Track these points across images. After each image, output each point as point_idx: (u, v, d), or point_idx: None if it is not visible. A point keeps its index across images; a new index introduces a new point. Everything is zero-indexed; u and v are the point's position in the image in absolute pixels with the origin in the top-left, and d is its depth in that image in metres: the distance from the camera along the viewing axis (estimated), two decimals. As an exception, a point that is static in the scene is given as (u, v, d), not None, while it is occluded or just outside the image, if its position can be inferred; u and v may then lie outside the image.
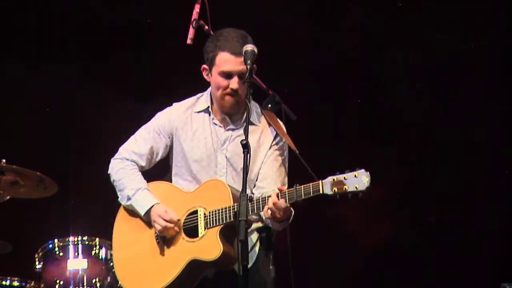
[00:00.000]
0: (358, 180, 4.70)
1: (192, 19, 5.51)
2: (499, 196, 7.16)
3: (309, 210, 5.37)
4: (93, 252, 6.18)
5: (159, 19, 7.35)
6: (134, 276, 5.08)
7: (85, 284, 6.08)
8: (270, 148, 5.14)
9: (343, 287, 7.53)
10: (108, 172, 5.25)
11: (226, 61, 4.98)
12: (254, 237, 5.07)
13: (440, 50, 7.21)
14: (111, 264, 6.14)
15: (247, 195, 4.33)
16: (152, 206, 5.03)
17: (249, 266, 4.68)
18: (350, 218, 5.51)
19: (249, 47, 4.72)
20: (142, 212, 5.05)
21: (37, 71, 7.42)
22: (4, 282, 6.17)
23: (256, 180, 5.11)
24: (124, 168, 5.17)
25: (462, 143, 7.21)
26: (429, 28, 7.21)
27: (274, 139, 5.15)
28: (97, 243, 6.20)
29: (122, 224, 5.19)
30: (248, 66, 4.67)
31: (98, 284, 6.10)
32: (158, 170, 5.28)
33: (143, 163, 5.19)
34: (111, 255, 6.16)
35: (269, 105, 5.26)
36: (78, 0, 7.38)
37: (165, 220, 4.94)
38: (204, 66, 5.09)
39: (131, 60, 7.45)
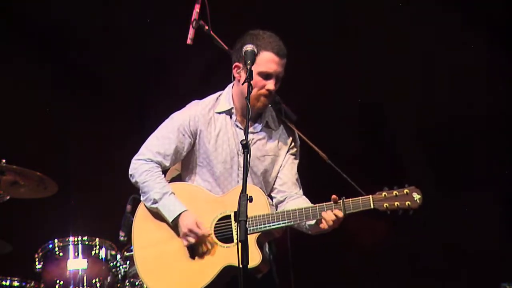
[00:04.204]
0: (409, 196, 4.78)
1: (192, 19, 5.50)
2: (499, 196, 7.16)
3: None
4: (93, 252, 6.18)
5: (159, 19, 7.35)
6: (162, 277, 4.99)
7: (85, 284, 6.07)
8: (287, 152, 5.17)
9: (342, 287, 7.54)
10: (130, 173, 5.12)
11: (269, 61, 4.94)
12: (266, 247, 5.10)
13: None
14: (111, 264, 6.14)
15: (247, 195, 4.32)
16: (181, 213, 4.98)
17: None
18: (350, 218, 5.50)
19: (249, 47, 4.70)
20: (170, 219, 4.97)
21: (37, 71, 7.42)
22: (4, 282, 6.17)
23: (274, 184, 5.15)
24: (150, 171, 5.06)
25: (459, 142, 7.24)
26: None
27: (291, 143, 5.18)
28: (97, 243, 6.19)
29: (144, 221, 5.09)
30: (248, 66, 4.63)
31: (98, 284, 6.10)
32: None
33: (167, 163, 5.10)
34: (111, 255, 6.16)
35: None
36: (75, 3, 7.37)
37: (197, 235, 4.90)
38: (238, 64, 4.99)
39: (131, 61, 7.45)
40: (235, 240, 4.90)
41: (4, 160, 6.04)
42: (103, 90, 7.48)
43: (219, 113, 5.11)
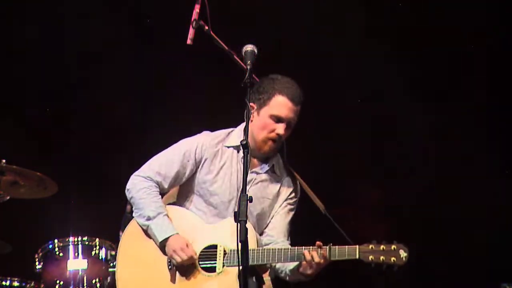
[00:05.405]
0: (396, 253, 4.83)
1: (192, 19, 5.50)
2: (499, 196, 7.16)
3: (308, 210, 5.38)
4: (93, 252, 6.17)
5: (159, 19, 7.35)
6: None
7: (85, 284, 6.07)
8: (285, 200, 5.20)
9: (343, 287, 7.53)
10: (127, 188, 5.16)
11: (282, 105, 5.00)
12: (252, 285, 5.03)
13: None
14: (111, 264, 6.14)
15: (247, 195, 4.32)
16: (171, 236, 4.99)
17: None
18: (350, 219, 5.53)
19: (249, 47, 4.70)
20: (160, 239, 4.99)
21: (37, 71, 7.42)
22: (4, 282, 6.17)
23: (266, 227, 5.16)
24: (148, 188, 5.10)
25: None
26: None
27: (291, 193, 5.22)
28: (97, 243, 6.19)
29: (131, 239, 5.13)
30: (248, 66, 4.63)
31: (98, 285, 6.09)
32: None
33: (166, 186, 5.14)
34: (111, 255, 6.16)
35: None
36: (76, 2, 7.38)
37: (186, 254, 4.91)
38: (252, 104, 5.01)
39: (131, 60, 7.45)
40: (217, 270, 4.91)
41: (4, 160, 6.04)
42: (103, 90, 7.48)
43: (228, 147, 5.12)
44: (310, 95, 5.22)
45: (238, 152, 5.12)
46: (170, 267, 4.98)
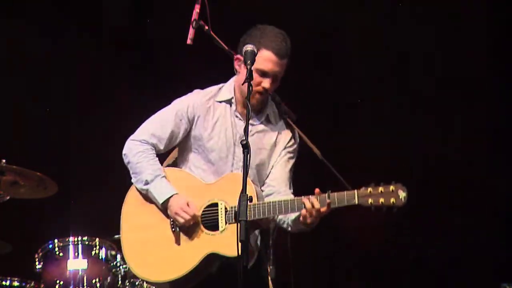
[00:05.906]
0: (394, 194, 4.71)
1: (192, 19, 5.50)
2: (499, 196, 7.16)
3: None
4: (93, 252, 6.18)
5: (160, 19, 7.35)
6: (146, 261, 5.01)
7: (85, 284, 6.07)
8: (284, 148, 5.16)
9: (343, 287, 7.54)
10: (124, 153, 5.15)
11: (267, 59, 4.96)
12: (253, 237, 5.05)
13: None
14: (112, 264, 6.14)
15: (247, 195, 4.32)
16: (171, 196, 4.98)
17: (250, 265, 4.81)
18: (350, 218, 5.51)
19: (249, 47, 4.69)
20: (160, 201, 4.98)
21: (37, 71, 7.43)
22: (4, 282, 6.17)
23: (266, 178, 5.14)
24: (144, 152, 5.08)
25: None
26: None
27: (289, 141, 5.18)
28: (97, 243, 6.19)
29: (133, 204, 5.11)
30: (248, 66, 4.63)
31: (98, 285, 6.09)
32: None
33: (161, 147, 5.13)
34: (111, 255, 6.16)
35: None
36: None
37: (188, 214, 4.90)
38: (239, 56, 5.01)
39: (131, 60, 7.45)
40: (220, 228, 4.90)
41: (4, 160, 6.04)
42: (103, 89, 7.49)
43: (220, 102, 5.13)
44: (309, 95, 5.25)
45: (230, 106, 5.11)
46: (173, 229, 4.97)
